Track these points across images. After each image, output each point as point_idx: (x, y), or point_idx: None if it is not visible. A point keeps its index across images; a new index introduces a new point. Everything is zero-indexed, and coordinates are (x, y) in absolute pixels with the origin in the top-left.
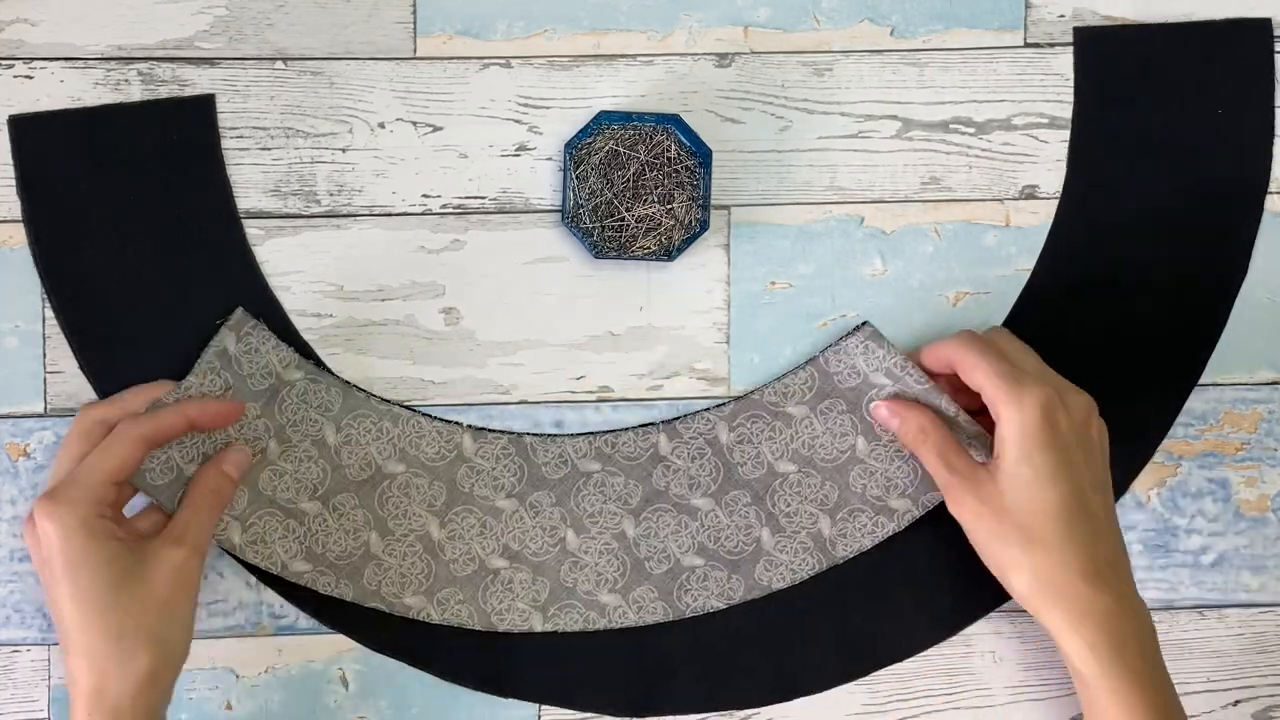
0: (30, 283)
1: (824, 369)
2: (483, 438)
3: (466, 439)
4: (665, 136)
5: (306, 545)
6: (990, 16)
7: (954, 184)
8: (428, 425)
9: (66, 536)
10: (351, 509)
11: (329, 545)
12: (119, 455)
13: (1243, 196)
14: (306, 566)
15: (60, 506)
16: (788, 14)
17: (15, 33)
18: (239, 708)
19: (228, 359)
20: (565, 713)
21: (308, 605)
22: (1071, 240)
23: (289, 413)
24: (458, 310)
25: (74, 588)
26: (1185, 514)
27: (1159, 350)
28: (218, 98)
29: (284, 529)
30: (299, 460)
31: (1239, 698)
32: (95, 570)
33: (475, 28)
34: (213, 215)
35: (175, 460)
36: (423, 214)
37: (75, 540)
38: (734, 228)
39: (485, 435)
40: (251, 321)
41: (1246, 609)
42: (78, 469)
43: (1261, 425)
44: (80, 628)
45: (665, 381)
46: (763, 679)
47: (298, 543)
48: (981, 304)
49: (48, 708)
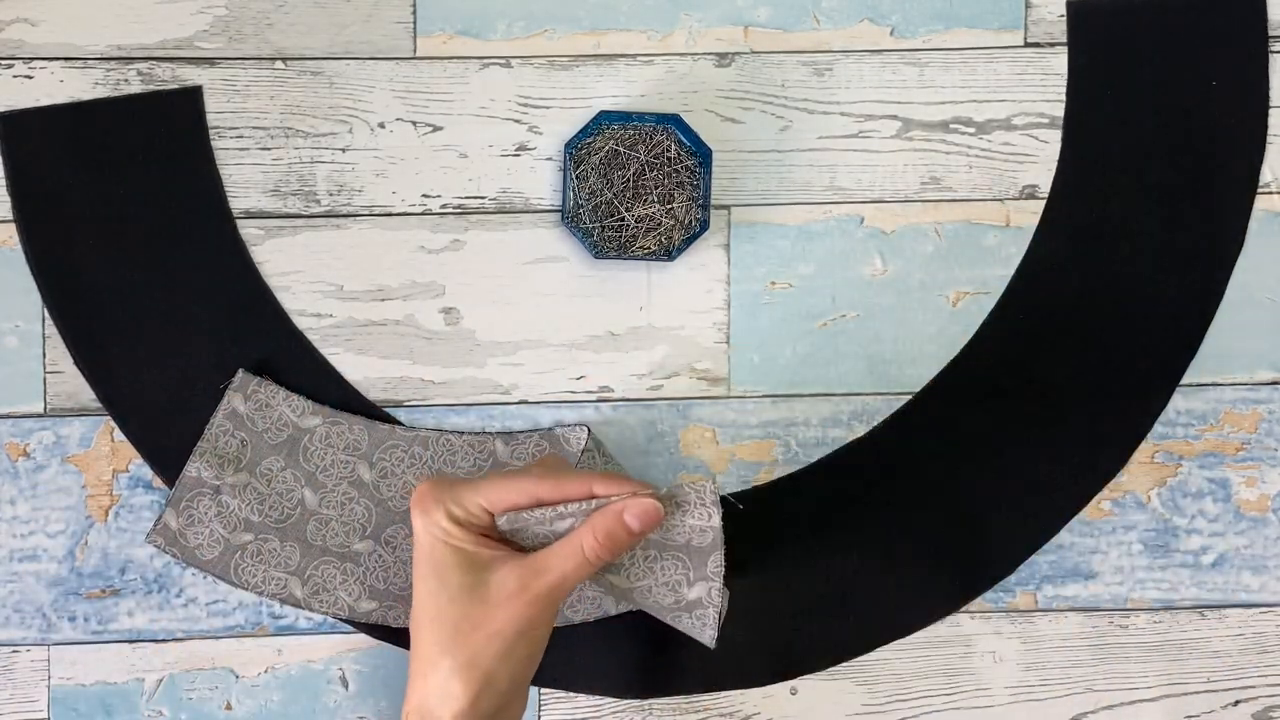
0: (30, 283)
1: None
2: (514, 440)
3: (499, 445)
4: (665, 136)
5: (368, 584)
6: (990, 16)
7: (954, 184)
8: (458, 441)
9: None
10: (404, 539)
11: (390, 580)
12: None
13: (1236, 180)
14: (373, 604)
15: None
16: (788, 14)
17: (15, 33)
18: (239, 708)
19: (239, 419)
20: (565, 695)
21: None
22: (1064, 227)
23: (315, 459)
24: (458, 310)
25: (421, 589)
26: (1186, 514)
27: (1148, 344)
28: (218, 97)
29: (342, 573)
30: (340, 504)
31: (1239, 698)
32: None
33: (475, 28)
34: (205, 210)
35: (219, 532)
36: (422, 214)
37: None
38: (734, 228)
39: (516, 437)
40: (256, 380)
41: (1247, 609)
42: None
43: (1261, 425)
44: (415, 631)
45: (665, 381)
46: (761, 660)
47: (359, 584)
48: (981, 304)
49: (48, 708)
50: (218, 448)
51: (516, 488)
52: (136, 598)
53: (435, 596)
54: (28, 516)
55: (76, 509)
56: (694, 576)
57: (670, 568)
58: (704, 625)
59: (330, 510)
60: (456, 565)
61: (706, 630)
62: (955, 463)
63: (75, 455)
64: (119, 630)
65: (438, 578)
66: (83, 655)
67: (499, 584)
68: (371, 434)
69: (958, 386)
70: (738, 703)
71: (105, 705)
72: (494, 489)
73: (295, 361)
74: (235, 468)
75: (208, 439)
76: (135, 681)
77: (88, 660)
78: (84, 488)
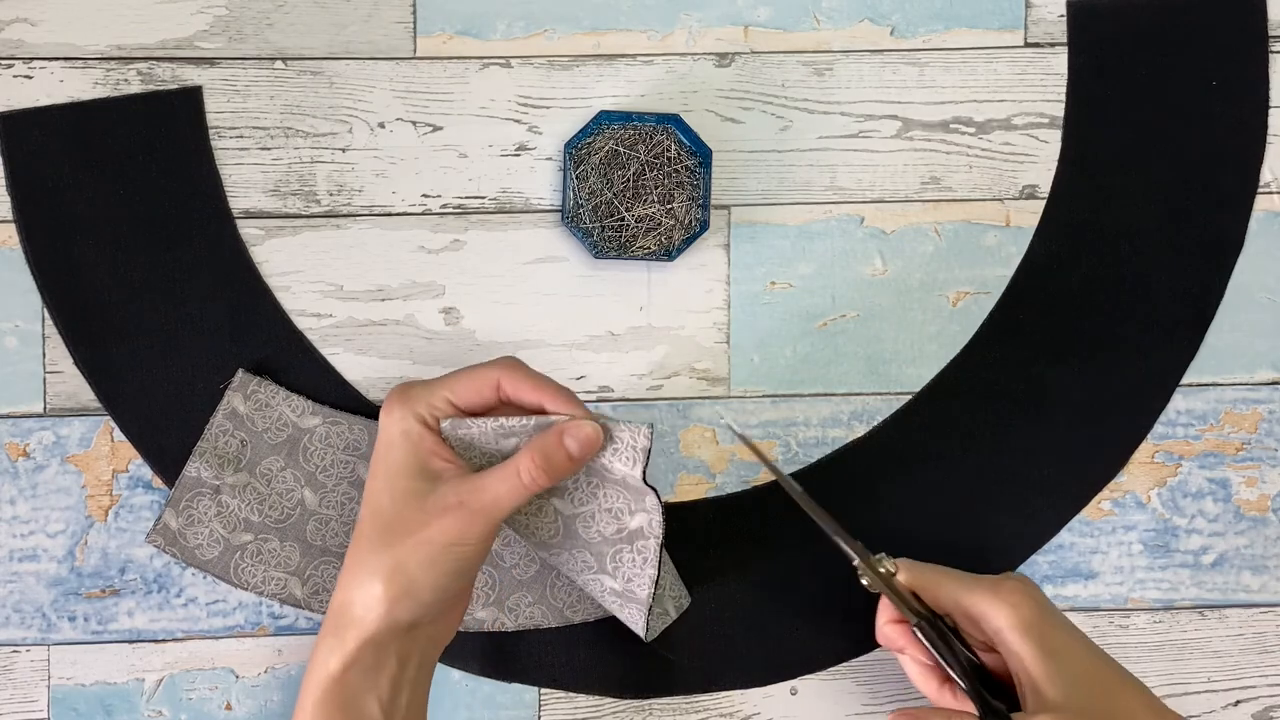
0: (30, 283)
1: None
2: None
3: None
4: (665, 136)
5: None
6: (990, 16)
7: (954, 184)
8: None
9: (391, 434)
10: None
11: None
12: (475, 382)
13: (1235, 180)
14: None
15: (399, 406)
16: (788, 14)
17: (15, 33)
18: (239, 708)
19: (239, 419)
20: (566, 695)
21: None
22: (1064, 227)
23: (315, 459)
24: (458, 310)
25: (369, 486)
26: (1186, 514)
27: (1148, 344)
28: (218, 97)
29: None
30: (340, 504)
31: (1239, 698)
32: (393, 477)
33: (475, 28)
34: (205, 210)
35: (219, 532)
36: (422, 214)
37: (397, 439)
38: (734, 228)
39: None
40: (256, 379)
41: (1247, 609)
42: (434, 380)
43: (1262, 425)
44: (356, 527)
45: (665, 381)
46: (760, 660)
47: None
48: (981, 304)
49: (47, 708)
50: (218, 448)
51: (480, 377)
52: (136, 598)
53: (379, 495)
54: (28, 516)
55: (76, 509)
56: (634, 507)
57: (613, 495)
58: (639, 617)
59: (330, 510)
60: (406, 469)
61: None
62: (955, 463)
63: (75, 455)
64: (119, 630)
65: (387, 477)
66: (83, 655)
67: (439, 495)
68: (371, 434)
69: (958, 386)
70: (738, 703)
71: (105, 705)
72: (460, 383)
73: (295, 361)
74: (235, 468)
75: (207, 439)
76: (135, 681)
77: (88, 660)
78: (84, 488)
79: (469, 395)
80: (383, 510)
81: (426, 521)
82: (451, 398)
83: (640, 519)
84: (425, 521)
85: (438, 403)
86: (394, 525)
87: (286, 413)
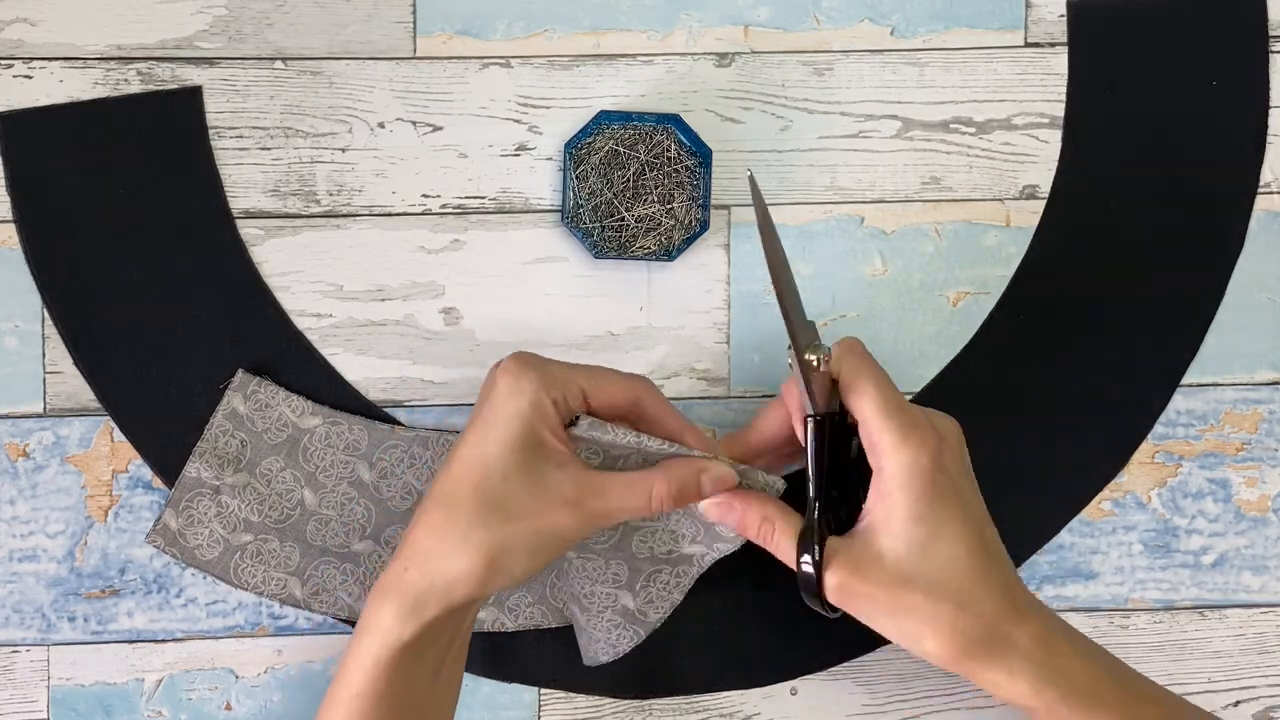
0: (30, 283)
1: None
2: None
3: None
4: (665, 136)
5: (368, 585)
6: (990, 16)
7: (954, 184)
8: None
9: (518, 404)
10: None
11: None
12: (617, 388)
13: (1236, 180)
14: None
15: (534, 378)
16: (788, 14)
17: (15, 33)
18: (239, 708)
19: (239, 419)
20: (566, 695)
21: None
22: (1064, 227)
23: (315, 459)
24: (458, 310)
25: (471, 452)
26: (1186, 514)
27: (1148, 344)
28: (218, 97)
29: (342, 574)
30: (340, 505)
31: (1239, 698)
32: (505, 451)
33: (475, 28)
34: (205, 210)
35: (219, 532)
36: (422, 214)
37: (520, 412)
38: (734, 228)
39: None
40: (255, 380)
41: (1247, 609)
42: (571, 366)
43: (1262, 425)
44: (448, 489)
45: (665, 381)
46: (760, 660)
47: (359, 584)
48: (981, 304)
49: (47, 708)
50: (217, 448)
51: (624, 385)
52: (136, 598)
53: (489, 464)
54: (27, 516)
55: (76, 509)
56: (698, 537)
57: (685, 521)
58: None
59: (330, 510)
60: (525, 445)
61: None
62: None
63: (75, 455)
64: (119, 630)
65: (499, 447)
66: (82, 655)
67: (556, 484)
68: (371, 434)
69: (958, 386)
70: (738, 703)
71: (105, 705)
72: (600, 378)
73: (295, 361)
74: (235, 468)
75: (207, 439)
76: (135, 682)
77: (87, 660)
78: (83, 488)
79: (604, 397)
80: (492, 483)
81: (540, 510)
82: (587, 390)
83: (698, 549)
84: (539, 510)
85: (573, 390)
86: (506, 504)
87: (286, 413)
